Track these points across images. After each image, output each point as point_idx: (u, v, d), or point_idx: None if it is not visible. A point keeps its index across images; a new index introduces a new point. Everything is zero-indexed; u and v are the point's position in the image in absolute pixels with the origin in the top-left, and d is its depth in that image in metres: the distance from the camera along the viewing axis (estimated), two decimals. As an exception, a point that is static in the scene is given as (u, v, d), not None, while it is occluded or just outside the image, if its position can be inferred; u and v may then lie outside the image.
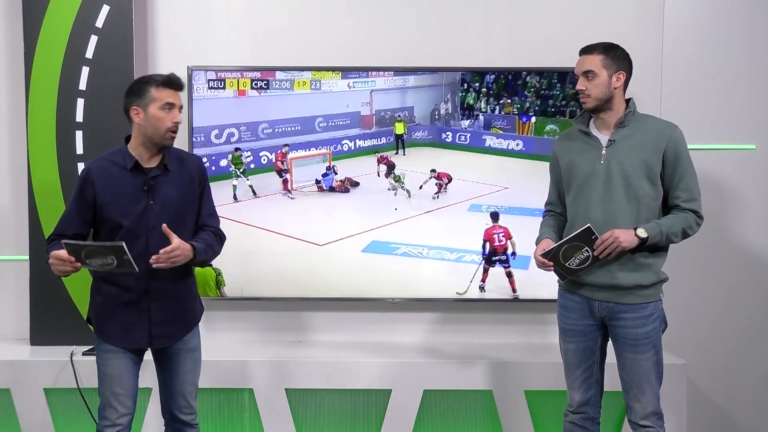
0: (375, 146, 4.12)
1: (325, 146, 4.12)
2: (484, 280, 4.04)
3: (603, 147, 2.92)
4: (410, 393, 3.77)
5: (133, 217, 2.83)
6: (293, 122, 4.05)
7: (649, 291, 2.91)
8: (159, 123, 2.83)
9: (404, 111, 4.07)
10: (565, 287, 3.03)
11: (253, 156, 4.05)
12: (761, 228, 4.06)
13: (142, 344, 2.92)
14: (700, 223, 2.91)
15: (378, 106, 4.07)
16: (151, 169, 2.88)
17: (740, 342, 4.10)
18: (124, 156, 2.88)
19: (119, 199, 2.84)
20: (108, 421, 2.91)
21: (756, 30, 4.01)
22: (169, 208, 2.87)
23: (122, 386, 2.91)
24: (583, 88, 2.91)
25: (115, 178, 2.85)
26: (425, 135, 4.10)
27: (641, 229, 2.83)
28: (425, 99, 4.06)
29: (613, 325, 2.94)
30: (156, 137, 2.85)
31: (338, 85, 4.03)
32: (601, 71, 2.88)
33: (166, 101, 2.83)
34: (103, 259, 2.70)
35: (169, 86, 2.85)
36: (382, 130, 4.09)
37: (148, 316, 2.89)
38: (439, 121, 4.08)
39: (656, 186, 2.89)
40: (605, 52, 2.91)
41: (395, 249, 4.07)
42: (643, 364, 2.90)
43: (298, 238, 4.07)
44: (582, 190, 2.94)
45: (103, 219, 2.85)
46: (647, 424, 2.92)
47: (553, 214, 3.13)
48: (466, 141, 4.12)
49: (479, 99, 4.03)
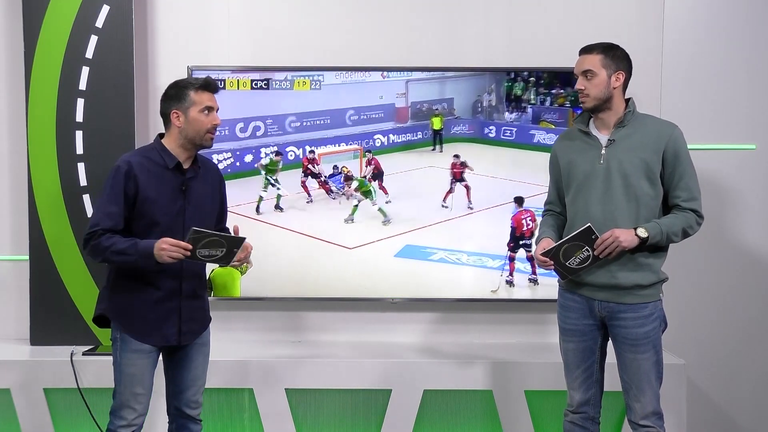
0: (410, 141, 3.82)
1: (355, 141, 3.85)
2: (511, 273, 3.90)
3: (602, 147, 2.92)
4: (410, 393, 3.77)
5: (170, 215, 2.87)
6: (322, 115, 3.80)
7: (648, 291, 2.91)
8: (200, 125, 2.89)
9: (442, 103, 3.79)
10: (565, 287, 3.03)
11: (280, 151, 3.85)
12: (761, 228, 4.06)
13: (172, 342, 2.95)
14: (700, 222, 2.91)
15: (414, 98, 3.80)
16: (188, 170, 2.94)
17: (740, 342, 4.10)
18: (163, 155, 2.91)
19: (159, 197, 2.87)
20: (124, 421, 2.91)
21: (756, 30, 4.01)
22: (200, 209, 2.95)
23: (143, 386, 2.93)
24: (582, 87, 2.91)
25: (155, 176, 2.88)
26: (465, 129, 3.79)
27: (641, 228, 2.83)
28: (466, 90, 3.76)
29: (612, 325, 2.94)
30: (197, 139, 2.91)
31: (371, 76, 3.79)
32: (600, 71, 2.89)
33: (206, 104, 2.90)
34: (214, 250, 2.78)
35: (207, 89, 2.92)
36: (418, 124, 3.80)
37: (178, 313, 2.93)
38: (482, 114, 3.79)
39: (656, 186, 2.89)
40: (604, 52, 2.91)
41: (431, 254, 3.84)
42: (643, 364, 2.90)
43: (328, 241, 3.85)
44: (581, 189, 2.94)
45: (141, 215, 2.86)
46: (647, 424, 2.92)
47: (553, 214, 3.13)
48: (512, 136, 3.82)
49: (528, 89, 3.73)
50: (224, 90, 3.80)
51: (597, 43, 2.94)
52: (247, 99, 3.88)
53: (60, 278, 3.90)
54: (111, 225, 2.83)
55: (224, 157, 3.92)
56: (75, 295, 3.92)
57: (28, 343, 3.97)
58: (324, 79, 3.82)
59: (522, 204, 3.91)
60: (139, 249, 2.78)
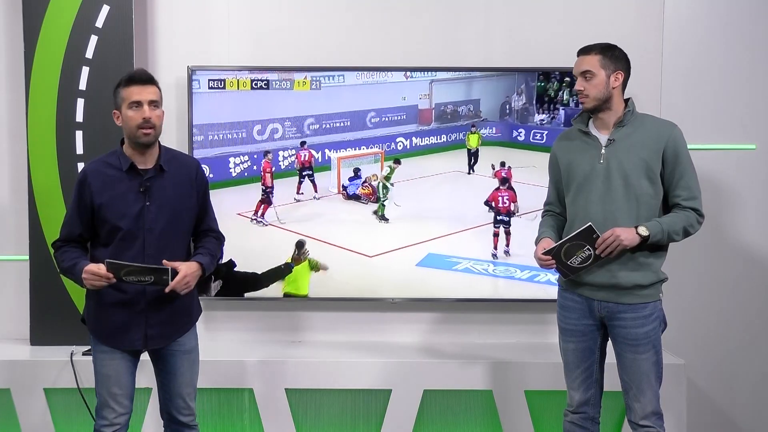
0: (434, 145, 3.63)
1: (376, 144, 3.67)
2: (508, 244, 3.81)
3: (602, 146, 2.92)
4: (410, 393, 3.77)
5: (130, 218, 2.83)
6: (342, 117, 3.62)
7: (648, 291, 2.91)
8: (130, 122, 2.83)
9: (468, 104, 3.61)
10: (565, 287, 3.04)
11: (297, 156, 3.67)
12: (761, 228, 4.06)
13: (137, 346, 2.91)
14: (701, 221, 2.91)
15: (438, 99, 3.61)
16: (147, 170, 2.88)
17: (740, 342, 4.10)
18: (120, 158, 2.89)
19: (116, 201, 2.84)
20: (106, 421, 2.91)
21: (756, 30, 4.01)
22: (165, 209, 2.87)
23: (119, 386, 2.91)
24: (582, 88, 2.91)
25: (111, 180, 2.86)
26: (493, 133, 3.60)
27: (642, 227, 2.83)
28: (494, 90, 3.55)
29: (612, 325, 2.94)
30: (132, 136, 2.85)
31: (393, 76, 3.62)
32: (599, 71, 2.89)
33: (133, 99, 2.83)
34: (141, 277, 2.75)
35: (132, 83, 2.84)
36: (443, 126, 3.61)
37: (144, 317, 2.89)
38: (511, 117, 3.59)
39: (656, 185, 2.89)
40: (603, 53, 2.91)
41: (455, 264, 3.70)
42: (643, 364, 2.90)
43: (347, 248, 3.69)
44: (581, 189, 2.95)
45: (101, 221, 2.85)
46: (647, 424, 2.92)
47: (552, 214, 3.14)
48: (543, 140, 3.60)
49: (562, 89, 3.52)
50: (228, 90, 3.77)
51: (595, 43, 2.95)
52: (266, 99, 3.80)
53: (60, 278, 3.89)
54: (65, 234, 2.90)
55: (241, 161, 3.81)
56: (75, 295, 3.92)
57: (28, 343, 3.97)
58: (345, 79, 3.65)
59: (505, 184, 3.77)
60: (75, 271, 2.81)
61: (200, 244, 3.02)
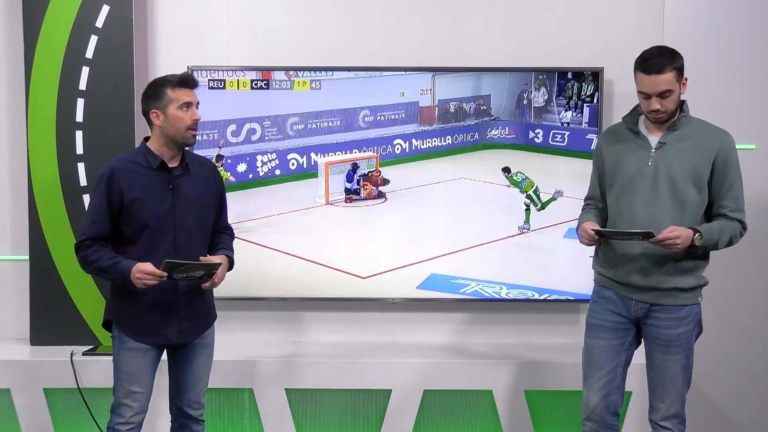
0: (437, 148, 3.16)
1: (371, 147, 3.22)
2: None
3: (652, 148, 2.87)
4: (410, 393, 3.77)
5: (159, 215, 2.88)
6: (332, 116, 3.18)
7: (687, 294, 2.89)
8: (179, 123, 2.88)
9: (477, 100, 3.17)
10: (601, 283, 2.99)
11: (279, 159, 3.24)
12: (761, 228, 4.06)
13: (172, 340, 2.96)
14: (743, 234, 2.90)
15: (442, 95, 3.18)
16: (174, 169, 2.93)
17: (741, 342, 4.09)
18: (147, 156, 2.92)
19: (146, 198, 2.87)
20: (122, 419, 2.93)
21: (756, 30, 4.00)
22: (192, 207, 2.94)
23: (140, 384, 2.94)
24: (659, 107, 2.80)
25: (139, 178, 2.89)
26: (506, 133, 3.14)
27: (699, 236, 2.77)
28: (507, 84, 3.10)
29: (646, 323, 2.91)
30: (178, 137, 2.90)
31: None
32: (675, 86, 2.81)
33: (184, 101, 2.89)
34: (192, 273, 2.81)
35: (184, 85, 2.91)
36: (447, 127, 3.14)
37: (177, 312, 2.94)
38: (527, 114, 3.16)
39: (702, 192, 2.85)
40: (675, 67, 2.80)
41: (462, 287, 3.31)
42: (671, 366, 2.87)
43: (337, 269, 3.30)
44: (626, 189, 2.89)
45: (128, 218, 2.87)
46: (667, 425, 2.90)
47: (594, 208, 3.06)
48: (564, 142, 3.17)
49: (587, 84, 3.12)
50: (229, 89, 3.73)
51: (662, 58, 2.80)
52: (241, 97, 3.74)
53: (60, 278, 3.90)
54: (96, 232, 2.87)
55: (269, 159, 3.46)
56: (75, 295, 3.92)
57: (28, 343, 3.97)
58: (334, 72, 3.26)
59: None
60: (118, 270, 2.81)
61: (218, 240, 3.10)
